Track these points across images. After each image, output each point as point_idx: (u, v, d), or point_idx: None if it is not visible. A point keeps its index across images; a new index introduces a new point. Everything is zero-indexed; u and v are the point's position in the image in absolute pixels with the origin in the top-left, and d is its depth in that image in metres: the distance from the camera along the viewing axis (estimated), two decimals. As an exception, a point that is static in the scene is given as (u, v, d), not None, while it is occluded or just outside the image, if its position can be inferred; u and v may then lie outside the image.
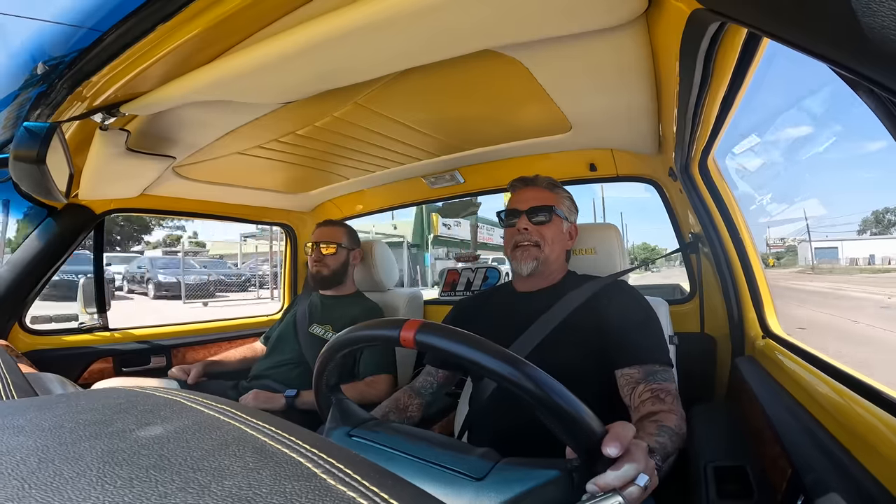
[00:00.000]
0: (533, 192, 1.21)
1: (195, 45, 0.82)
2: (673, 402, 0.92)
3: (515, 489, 0.55)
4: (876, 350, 6.31)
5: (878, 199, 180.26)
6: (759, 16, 0.42)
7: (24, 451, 0.24)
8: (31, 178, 1.00)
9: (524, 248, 1.17)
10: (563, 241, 1.20)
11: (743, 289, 1.28)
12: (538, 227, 1.17)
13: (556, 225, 1.18)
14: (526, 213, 1.17)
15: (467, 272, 2.40)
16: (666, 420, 0.85)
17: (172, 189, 1.74)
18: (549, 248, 1.16)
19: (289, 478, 0.22)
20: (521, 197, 1.22)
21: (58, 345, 1.66)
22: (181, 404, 0.34)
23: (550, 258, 1.17)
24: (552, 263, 1.18)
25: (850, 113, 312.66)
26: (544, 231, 1.16)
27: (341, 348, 0.70)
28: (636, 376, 0.97)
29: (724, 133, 1.07)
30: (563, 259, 1.23)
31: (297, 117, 1.27)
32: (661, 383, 0.95)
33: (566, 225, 1.22)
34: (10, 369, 0.68)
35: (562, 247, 1.20)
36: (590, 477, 0.55)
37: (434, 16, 0.71)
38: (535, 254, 1.15)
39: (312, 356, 1.60)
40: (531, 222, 1.17)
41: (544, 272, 1.18)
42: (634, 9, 0.74)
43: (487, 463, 0.60)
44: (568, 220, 1.22)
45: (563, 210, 1.21)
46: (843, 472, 0.58)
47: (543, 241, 1.16)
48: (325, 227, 1.83)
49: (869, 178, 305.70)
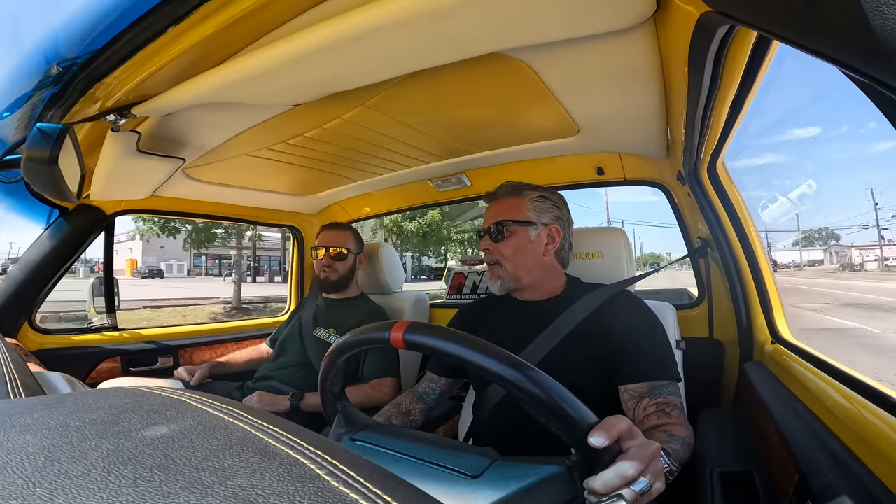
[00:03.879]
0: (495, 206, 1.17)
1: (206, 47, 0.82)
2: (679, 416, 0.90)
3: (511, 486, 0.55)
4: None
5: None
6: (768, 19, 0.42)
7: (30, 450, 0.24)
8: (43, 178, 1.01)
9: (490, 267, 1.15)
10: (531, 250, 1.12)
11: (752, 293, 1.27)
12: (497, 245, 1.13)
13: (517, 237, 1.12)
14: (488, 233, 1.15)
15: (473, 275, 2.40)
16: (675, 430, 0.83)
17: (182, 190, 1.76)
18: (510, 264, 1.12)
19: (292, 479, 0.22)
20: (488, 214, 1.18)
21: (67, 344, 1.67)
22: (187, 405, 0.34)
23: (518, 273, 1.12)
24: (523, 278, 1.13)
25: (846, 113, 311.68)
26: (502, 248, 1.13)
27: (340, 354, 0.70)
28: (640, 391, 0.95)
29: (734, 136, 1.07)
30: (541, 268, 1.14)
31: (305, 120, 1.28)
32: (666, 397, 0.93)
33: (535, 230, 1.13)
34: (19, 368, 0.68)
35: (531, 256, 1.12)
36: (589, 474, 0.54)
37: (442, 19, 0.71)
38: (498, 273, 1.14)
39: (317, 359, 1.61)
40: (491, 240, 1.15)
41: (529, 285, 1.15)
42: (643, 12, 0.73)
43: (484, 461, 0.60)
44: (539, 223, 1.13)
45: (531, 214, 1.13)
46: (851, 479, 0.57)
47: (503, 258, 1.13)
48: (331, 231, 1.81)
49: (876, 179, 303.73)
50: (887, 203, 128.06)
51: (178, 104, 0.97)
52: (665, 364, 0.99)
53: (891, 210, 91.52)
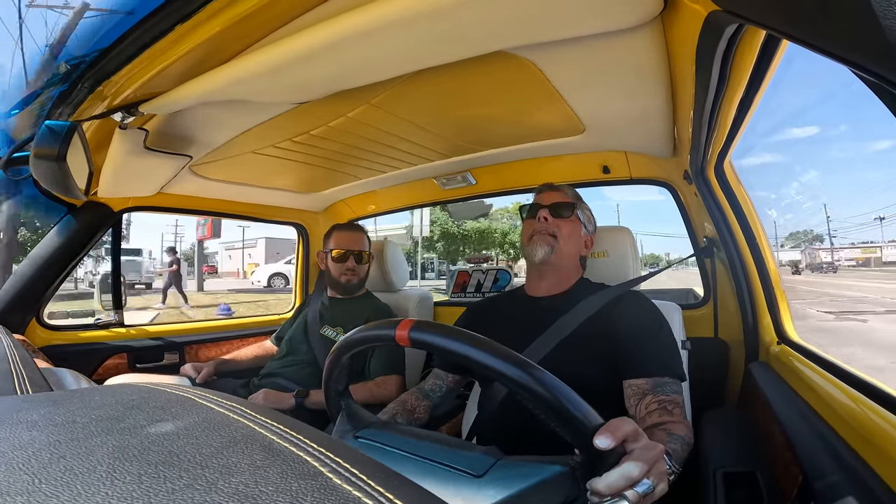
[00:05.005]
0: (558, 193, 1.25)
1: (212, 45, 0.83)
2: (681, 415, 0.91)
3: (515, 486, 0.54)
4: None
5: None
6: (777, 18, 0.41)
7: (36, 446, 0.24)
8: (51, 175, 1.02)
9: (541, 234, 1.18)
10: (578, 242, 1.22)
11: (758, 293, 1.26)
12: (557, 221, 1.19)
13: (575, 224, 1.21)
14: (548, 208, 1.20)
15: (477, 274, 2.40)
16: (675, 429, 0.84)
17: (188, 188, 1.77)
18: (563, 242, 1.17)
19: (295, 476, 0.22)
20: (545, 197, 1.25)
21: (74, 340, 1.69)
22: (192, 401, 0.34)
23: (564, 252, 1.18)
24: (565, 260, 1.19)
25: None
26: (562, 224, 1.19)
27: (345, 351, 0.71)
28: (644, 387, 0.96)
29: (742, 136, 1.06)
30: (576, 262, 1.24)
31: (311, 117, 1.28)
32: (669, 395, 0.93)
33: (584, 231, 1.23)
34: (26, 364, 0.69)
35: (576, 247, 1.21)
36: (593, 474, 0.54)
37: (448, 17, 0.71)
38: (550, 241, 1.17)
39: (324, 358, 1.61)
40: (552, 215, 1.19)
41: (556, 269, 1.19)
42: (650, 10, 0.73)
43: (488, 460, 0.59)
44: (586, 227, 1.24)
45: (583, 217, 1.24)
46: (855, 481, 0.56)
47: (559, 233, 1.17)
48: (352, 233, 1.79)
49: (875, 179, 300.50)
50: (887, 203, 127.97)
51: (185, 102, 0.98)
52: (670, 362, 0.99)
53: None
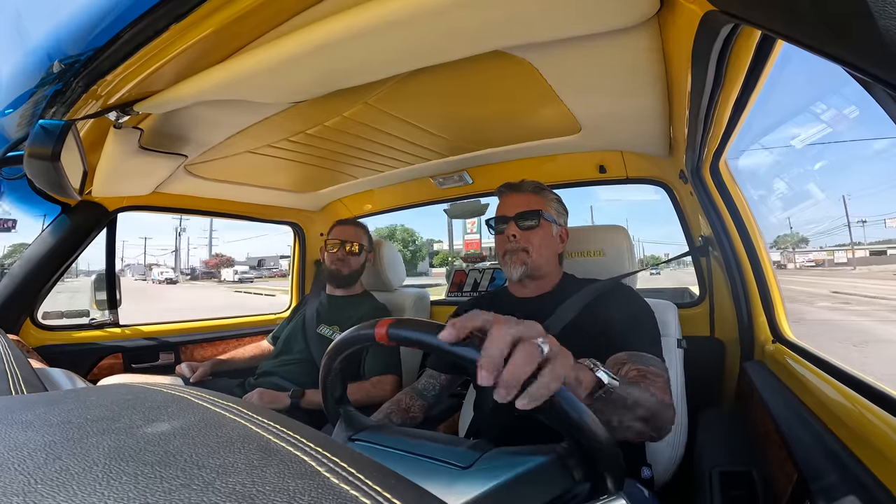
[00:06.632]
0: (520, 197, 1.21)
1: (207, 44, 0.82)
2: (664, 385, 0.86)
3: (501, 476, 0.55)
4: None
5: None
6: (773, 18, 0.42)
7: (31, 447, 0.24)
8: (45, 175, 1.01)
9: (513, 253, 1.17)
10: (552, 244, 1.20)
11: (754, 293, 1.27)
12: (526, 233, 1.17)
13: (545, 230, 1.18)
14: (514, 220, 1.18)
15: (474, 273, 2.40)
16: (651, 387, 0.80)
17: (184, 187, 1.76)
18: (536, 254, 1.16)
19: (292, 476, 0.22)
20: (508, 203, 1.22)
21: (68, 340, 1.68)
22: (188, 401, 0.34)
23: (540, 263, 1.17)
24: (543, 268, 1.18)
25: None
26: (531, 237, 1.17)
27: (335, 356, 0.71)
28: (622, 358, 0.94)
29: (737, 135, 1.06)
30: (555, 263, 1.22)
31: (307, 117, 1.28)
32: (647, 366, 0.90)
33: (555, 228, 1.21)
34: (21, 364, 0.69)
35: (552, 251, 1.20)
36: (581, 462, 0.54)
37: (444, 16, 0.71)
38: (523, 259, 1.16)
39: (320, 356, 1.61)
40: (519, 228, 1.17)
41: (537, 277, 1.18)
42: (646, 10, 0.73)
43: (475, 453, 0.60)
44: (557, 223, 1.22)
45: (552, 213, 1.21)
46: (851, 480, 0.57)
47: (531, 247, 1.16)
48: (348, 226, 1.83)
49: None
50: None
51: (180, 101, 0.97)
52: (648, 339, 0.99)
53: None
